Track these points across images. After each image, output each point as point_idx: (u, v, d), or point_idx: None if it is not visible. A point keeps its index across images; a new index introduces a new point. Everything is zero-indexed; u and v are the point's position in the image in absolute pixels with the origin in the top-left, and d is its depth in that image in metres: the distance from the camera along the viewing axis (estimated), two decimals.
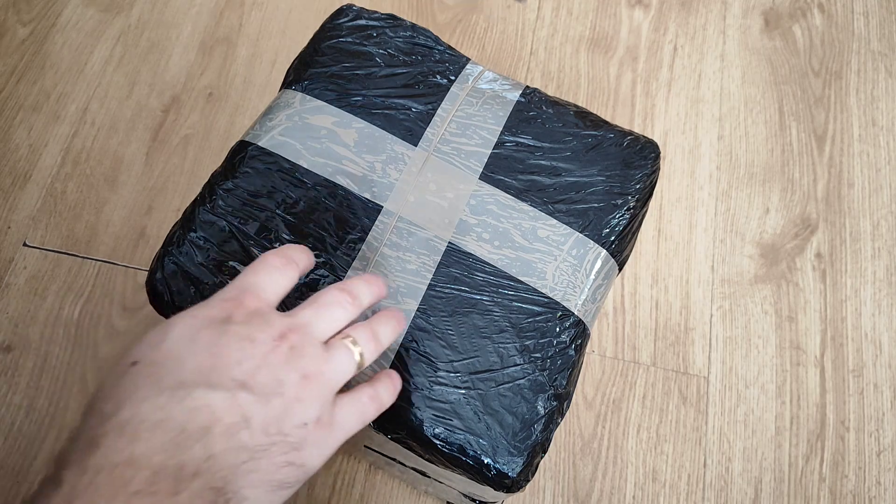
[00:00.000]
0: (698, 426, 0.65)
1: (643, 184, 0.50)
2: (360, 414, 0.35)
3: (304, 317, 0.34)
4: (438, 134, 0.49)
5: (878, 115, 0.78)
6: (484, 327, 0.44)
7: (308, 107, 0.49)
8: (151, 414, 0.28)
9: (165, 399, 0.28)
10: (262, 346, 0.32)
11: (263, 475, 0.30)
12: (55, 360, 0.64)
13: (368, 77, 0.50)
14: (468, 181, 0.48)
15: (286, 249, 0.37)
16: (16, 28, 0.78)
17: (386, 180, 0.47)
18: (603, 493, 0.62)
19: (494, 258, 0.46)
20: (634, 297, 0.69)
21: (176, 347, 0.31)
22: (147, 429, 0.27)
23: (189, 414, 0.28)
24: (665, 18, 0.82)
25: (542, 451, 0.43)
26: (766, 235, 0.72)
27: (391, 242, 0.46)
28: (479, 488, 0.46)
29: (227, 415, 0.29)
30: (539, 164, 0.49)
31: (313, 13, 0.81)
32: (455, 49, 0.53)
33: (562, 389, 0.44)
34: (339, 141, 0.48)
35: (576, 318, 0.45)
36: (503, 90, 0.51)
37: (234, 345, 0.31)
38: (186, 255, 0.44)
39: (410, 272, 0.45)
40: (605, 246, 0.47)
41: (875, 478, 0.63)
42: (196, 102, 0.75)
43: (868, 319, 0.69)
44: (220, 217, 0.45)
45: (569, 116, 0.51)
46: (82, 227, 0.69)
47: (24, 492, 0.59)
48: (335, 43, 0.52)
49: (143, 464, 0.27)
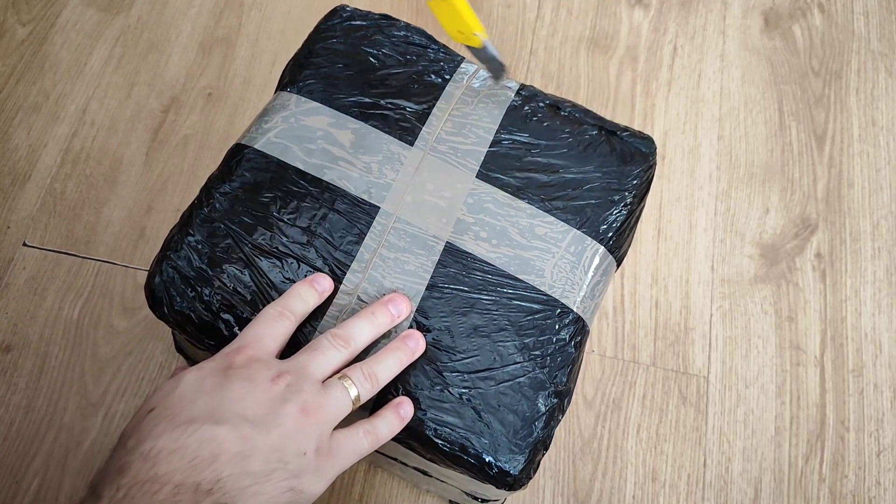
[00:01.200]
0: (698, 426, 0.64)
1: (640, 179, 0.50)
2: (356, 447, 0.39)
3: (299, 360, 0.38)
4: (434, 133, 0.49)
5: (878, 115, 0.78)
6: (483, 326, 0.44)
7: (303, 108, 0.49)
8: (169, 444, 0.32)
9: (179, 433, 0.33)
10: (261, 384, 0.36)
11: (267, 498, 0.34)
12: (54, 360, 0.64)
13: (363, 77, 0.50)
14: (465, 180, 0.48)
15: (283, 299, 0.41)
16: (15, 28, 0.78)
17: (382, 181, 0.47)
18: (603, 492, 0.62)
19: (493, 257, 0.46)
20: (634, 296, 0.69)
21: (186, 392, 0.35)
22: (165, 455, 0.32)
23: (200, 444, 0.33)
24: (665, 18, 0.82)
25: (543, 449, 0.43)
26: (765, 235, 0.72)
27: (389, 243, 0.45)
28: (482, 487, 0.46)
29: (232, 445, 0.33)
30: (536, 162, 0.49)
31: (313, 13, 0.81)
32: (449, 48, 0.53)
33: (562, 386, 0.44)
34: (335, 142, 0.48)
35: (575, 314, 0.45)
36: (498, 89, 0.51)
37: (235, 385, 0.35)
38: (185, 259, 0.44)
39: (409, 273, 0.45)
40: (603, 242, 0.47)
41: (875, 478, 0.63)
42: (195, 103, 0.75)
43: (868, 319, 0.69)
44: (217, 220, 0.45)
45: (564, 113, 0.51)
46: (82, 227, 0.69)
47: (24, 491, 0.59)
48: (330, 44, 0.51)
49: (165, 480, 0.31)
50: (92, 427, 0.62)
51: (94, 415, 0.62)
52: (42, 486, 0.59)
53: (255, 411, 0.35)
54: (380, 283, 0.44)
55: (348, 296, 0.44)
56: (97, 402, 0.62)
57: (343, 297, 0.44)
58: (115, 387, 0.63)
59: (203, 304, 0.43)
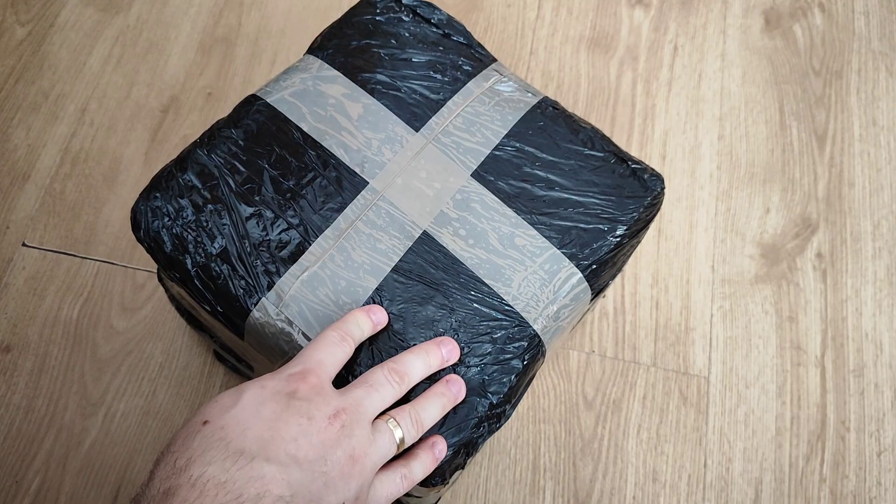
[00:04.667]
0: (699, 426, 0.64)
1: (638, 214, 0.48)
2: (390, 493, 0.39)
3: (356, 396, 0.38)
4: (443, 125, 0.49)
5: (879, 115, 0.78)
6: (437, 321, 0.44)
7: (323, 75, 0.50)
8: (218, 475, 0.32)
9: (230, 464, 0.33)
10: (317, 423, 0.35)
11: None
12: (54, 360, 0.64)
13: (390, 57, 0.51)
14: (459, 176, 0.48)
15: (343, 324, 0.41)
16: (14, 28, 0.78)
17: (379, 158, 0.47)
18: (603, 493, 0.62)
19: (465, 256, 0.45)
20: (634, 297, 0.69)
21: (243, 415, 0.35)
22: (213, 487, 0.32)
23: (247, 482, 0.32)
24: (665, 18, 0.82)
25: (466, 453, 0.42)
26: (766, 235, 0.72)
27: (367, 219, 0.46)
28: None
29: (277, 487, 0.33)
30: (534, 175, 0.48)
31: (313, 13, 0.81)
32: (485, 49, 0.53)
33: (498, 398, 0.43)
34: (344, 112, 0.48)
35: (532, 331, 0.44)
36: (520, 96, 0.51)
37: (293, 420, 0.35)
38: (172, 191, 0.46)
39: (379, 251, 0.45)
40: (582, 268, 0.46)
41: (875, 478, 0.63)
42: (195, 102, 0.75)
43: (869, 319, 0.69)
44: (212, 161, 0.47)
45: (579, 134, 0.50)
46: (81, 227, 0.69)
47: (24, 490, 0.59)
48: (367, 19, 0.52)
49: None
50: (92, 427, 0.62)
51: (95, 414, 0.62)
52: (42, 486, 0.59)
53: (306, 453, 0.34)
54: (348, 254, 0.45)
55: (315, 257, 0.45)
56: (97, 402, 0.62)
57: (309, 258, 0.44)
58: (116, 386, 0.63)
59: (176, 236, 0.45)
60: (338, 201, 0.46)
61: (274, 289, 0.44)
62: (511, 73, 0.53)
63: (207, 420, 0.35)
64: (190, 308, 0.55)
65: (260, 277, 0.44)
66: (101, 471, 0.60)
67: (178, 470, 0.33)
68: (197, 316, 0.56)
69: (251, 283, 0.44)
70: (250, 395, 0.36)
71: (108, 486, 0.60)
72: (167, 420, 0.62)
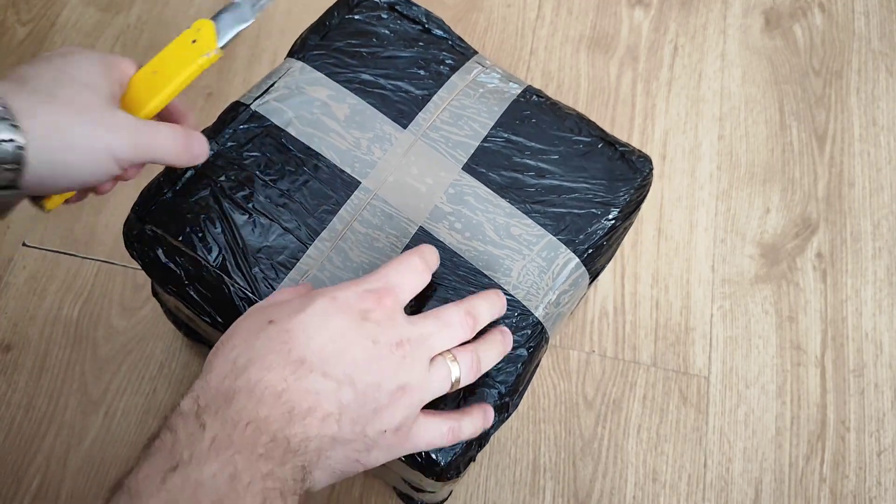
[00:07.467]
0: (698, 426, 0.64)
1: (630, 196, 0.49)
2: (432, 440, 0.38)
3: (426, 329, 0.36)
4: (430, 120, 0.49)
5: (879, 115, 0.78)
6: None
7: (307, 77, 0.49)
8: (277, 383, 0.32)
9: (289, 372, 0.32)
10: (380, 348, 0.34)
11: (334, 463, 0.33)
12: (54, 359, 0.64)
13: (372, 56, 0.51)
14: (450, 170, 0.48)
15: (424, 252, 0.39)
16: (15, 28, 0.78)
17: (369, 157, 0.47)
18: (603, 493, 0.62)
19: (463, 249, 0.45)
20: (634, 297, 0.69)
21: (310, 322, 0.34)
22: (270, 396, 0.31)
23: (302, 395, 0.32)
24: (665, 18, 0.82)
25: (478, 445, 0.42)
26: (766, 235, 0.72)
27: (363, 219, 0.46)
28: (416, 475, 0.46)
29: (329, 404, 0.32)
30: (525, 164, 0.48)
31: (313, 13, 0.80)
32: (465, 41, 0.53)
33: (506, 388, 0.43)
34: (331, 114, 0.48)
35: (535, 318, 0.45)
36: (504, 86, 0.51)
37: (358, 341, 0.34)
38: (163, 205, 0.45)
39: (377, 249, 0.45)
40: (578, 253, 0.47)
41: (876, 478, 0.63)
42: (195, 102, 0.75)
43: (869, 319, 0.69)
44: (200, 171, 0.46)
45: (566, 121, 0.50)
46: (81, 226, 0.69)
47: (24, 488, 0.59)
48: (346, 19, 0.52)
49: (264, 428, 0.31)
50: (92, 425, 0.62)
51: (95, 413, 0.62)
52: (43, 484, 0.59)
53: (362, 376, 0.33)
54: (346, 255, 0.45)
55: (313, 260, 0.44)
56: (98, 401, 0.62)
57: (307, 262, 0.44)
58: (116, 385, 0.63)
59: (171, 251, 0.45)
60: (332, 203, 0.46)
61: None
62: (492, 63, 0.53)
63: (273, 320, 0.34)
64: (188, 320, 0.55)
65: (259, 284, 0.44)
66: (101, 469, 0.60)
67: (237, 370, 0.32)
68: (195, 328, 0.56)
69: (251, 291, 0.43)
70: (321, 304, 0.34)
71: (109, 484, 0.60)
72: None
